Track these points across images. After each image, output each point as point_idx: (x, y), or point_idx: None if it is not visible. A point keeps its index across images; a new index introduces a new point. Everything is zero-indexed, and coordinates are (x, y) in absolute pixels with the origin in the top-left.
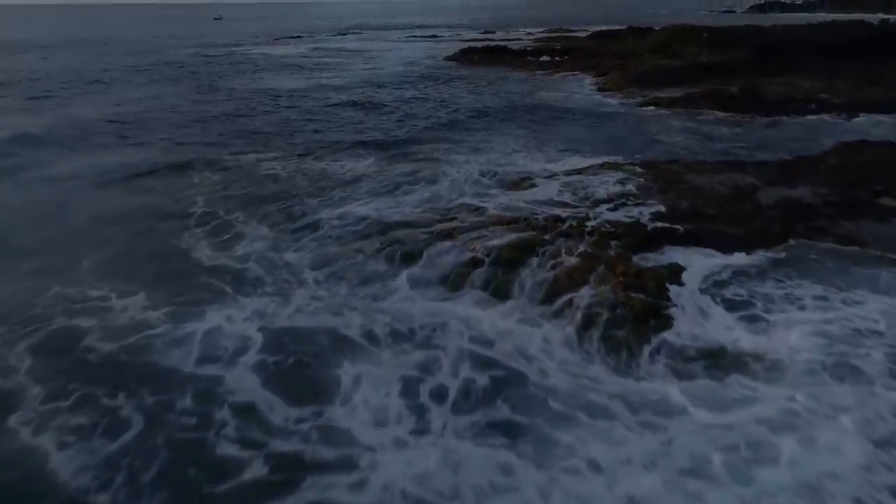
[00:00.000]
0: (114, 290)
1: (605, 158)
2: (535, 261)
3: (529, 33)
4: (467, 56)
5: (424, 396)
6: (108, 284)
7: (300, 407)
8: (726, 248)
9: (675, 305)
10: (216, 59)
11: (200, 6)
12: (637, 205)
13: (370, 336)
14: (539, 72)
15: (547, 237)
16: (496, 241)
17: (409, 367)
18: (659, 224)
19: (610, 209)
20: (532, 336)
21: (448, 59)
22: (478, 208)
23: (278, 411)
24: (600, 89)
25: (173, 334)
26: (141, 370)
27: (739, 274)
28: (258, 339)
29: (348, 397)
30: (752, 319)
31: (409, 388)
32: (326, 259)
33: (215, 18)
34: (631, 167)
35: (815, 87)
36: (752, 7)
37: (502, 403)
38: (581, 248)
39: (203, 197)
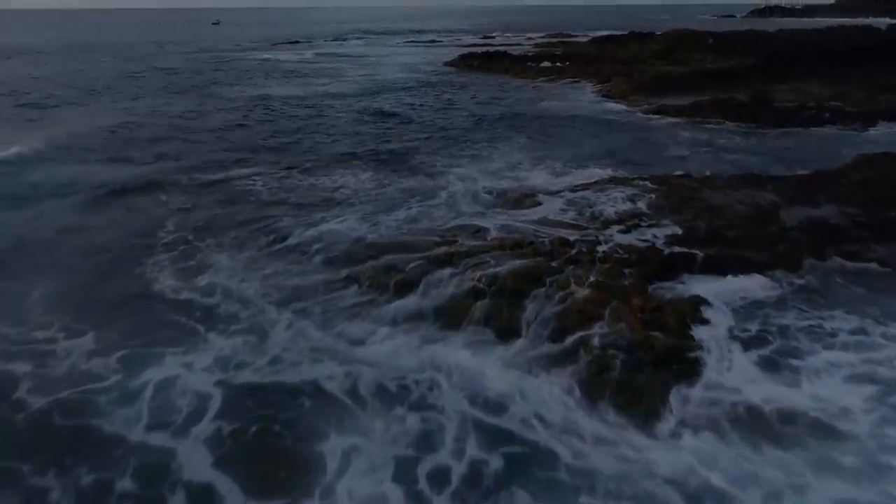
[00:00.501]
0: (62, 330)
1: (613, 172)
2: (541, 292)
3: (529, 38)
4: (467, 62)
5: (423, 481)
6: (57, 321)
7: (268, 498)
8: (750, 277)
9: (700, 347)
10: (211, 65)
11: (200, 10)
12: (650, 226)
13: (354, 394)
14: (540, 78)
15: (554, 264)
16: (499, 269)
17: (403, 443)
18: (676, 249)
19: (621, 231)
20: (544, 392)
21: (447, 64)
22: (478, 230)
23: (239, 502)
24: (604, 97)
25: (121, 387)
26: (79, 437)
27: (766, 306)
28: (218, 397)
29: (330, 486)
30: (787, 366)
31: (404, 471)
32: (306, 291)
33: (213, 23)
34: (641, 182)
35: (824, 94)
36: (752, 11)
37: (518, 490)
38: (592, 278)
39: (175, 218)
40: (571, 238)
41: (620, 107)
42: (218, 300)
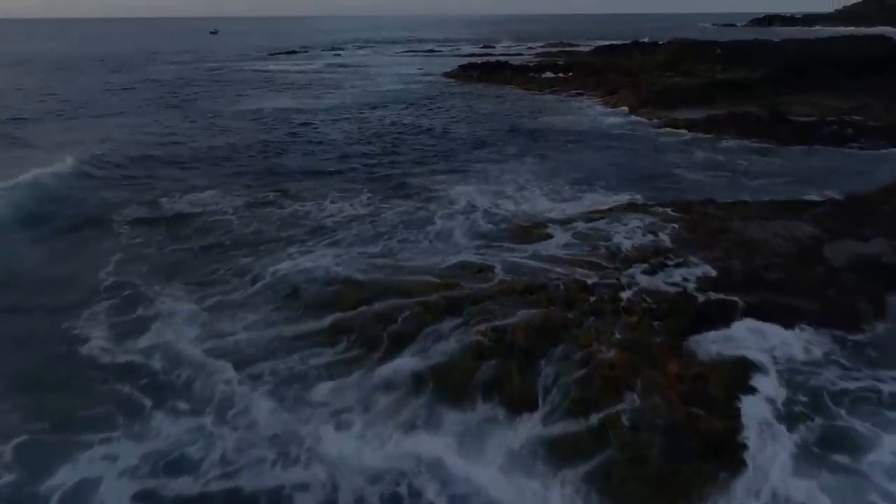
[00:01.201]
0: None
1: (627, 196)
2: (558, 351)
3: (530, 48)
4: (467, 73)
5: None
6: None
7: None
8: (800, 331)
9: (749, 427)
10: (203, 76)
11: (203, 20)
12: (678, 265)
13: None
14: (543, 90)
15: (571, 315)
16: (507, 321)
17: None
18: (711, 295)
19: (645, 272)
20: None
21: (447, 75)
22: (482, 269)
23: None
24: (610, 109)
25: (14, 497)
26: None
27: (818, 367)
28: None
29: None
30: (850, 470)
31: None
32: (276, 350)
33: (211, 32)
34: (660, 210)
35: (842, 107)
36: (752, 20)
37: None
38: (617, 334)
39: (125, 257)
40: (589, 281)
41: (629, 121)
42: (161, 366)
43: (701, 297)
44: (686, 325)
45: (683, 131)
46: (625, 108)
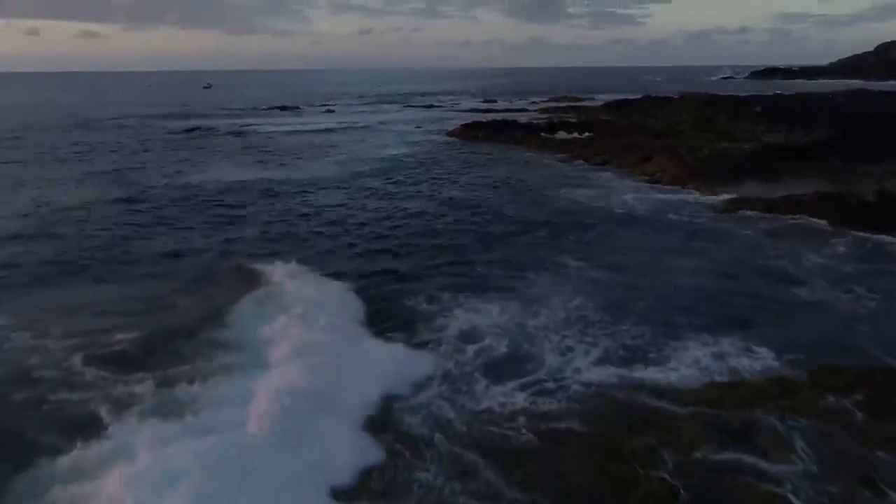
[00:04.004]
0: None
1: (741, 349)
2: None
3: (533, 102)
4: (472, 132)
5: None
6: None
7: None
8: None
9: None
10: (168, 139)
11: (211, 73)
12: None
13: None
14: (560, 153)
15: None
16: None
17: None
18: None
19: None
20: None
21: (450, 134)
22: None
23: None
24: (652, 183)
25: None
26: None
27: None
28: None
29: None
30: None
31: None
32: None
33: (204, 87)
34: (831, 401)
35: None
36: (752, 73)
37: None
38: None
39: None
40: None
41: (682, 199)
42: None
43: None
44: None
45: (759, 215)
46: (670, 182)
